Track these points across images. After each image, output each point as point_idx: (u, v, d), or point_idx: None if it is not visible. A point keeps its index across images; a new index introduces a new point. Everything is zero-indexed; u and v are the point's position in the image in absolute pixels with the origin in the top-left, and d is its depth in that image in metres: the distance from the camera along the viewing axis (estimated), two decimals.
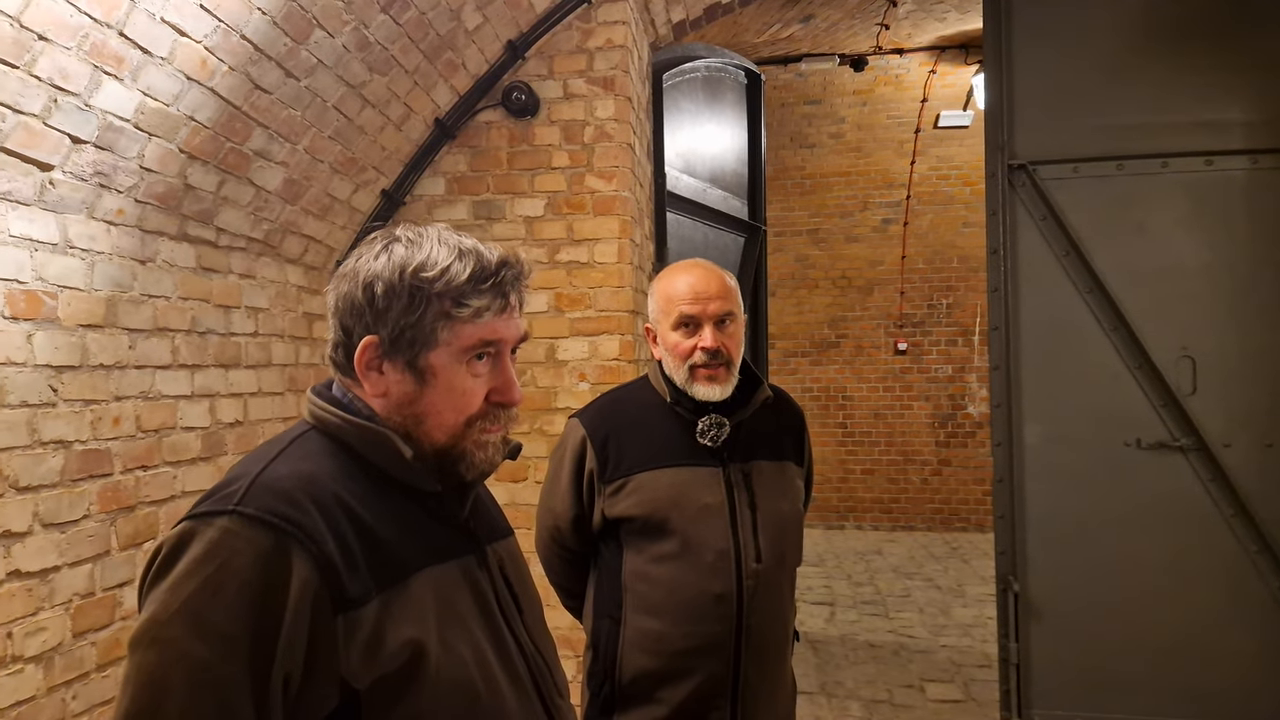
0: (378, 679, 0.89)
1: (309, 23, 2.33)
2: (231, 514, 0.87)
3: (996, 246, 3.42)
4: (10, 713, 1.89)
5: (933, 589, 5.77)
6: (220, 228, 2.55)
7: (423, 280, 0.97)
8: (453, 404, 0.99)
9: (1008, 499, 3.41)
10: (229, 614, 0.84)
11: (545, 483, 1.87)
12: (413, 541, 0.97)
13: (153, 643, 0.85)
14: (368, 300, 0.98)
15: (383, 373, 0.99)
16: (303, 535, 0.88)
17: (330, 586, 0.87)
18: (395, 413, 1.00)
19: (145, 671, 0.84)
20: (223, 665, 0.83)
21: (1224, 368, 3.24)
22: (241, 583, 0.85)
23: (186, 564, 0.86)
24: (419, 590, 0.94)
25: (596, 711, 1.73)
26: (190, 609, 0.84)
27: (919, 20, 5.90)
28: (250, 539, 0.86)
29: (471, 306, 0.98)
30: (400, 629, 0.91)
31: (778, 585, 1.72)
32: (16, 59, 1.73)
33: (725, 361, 1.69)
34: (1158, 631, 3.28)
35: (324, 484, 0.93)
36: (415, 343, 0.98)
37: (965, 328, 7.39)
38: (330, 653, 0.87)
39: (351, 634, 0.88)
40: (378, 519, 0.95)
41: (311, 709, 0.88)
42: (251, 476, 0.91)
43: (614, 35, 3.13)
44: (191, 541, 0.87)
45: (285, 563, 0.86)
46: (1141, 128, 3.28)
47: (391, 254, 0.98)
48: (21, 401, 1.92)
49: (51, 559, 2.00)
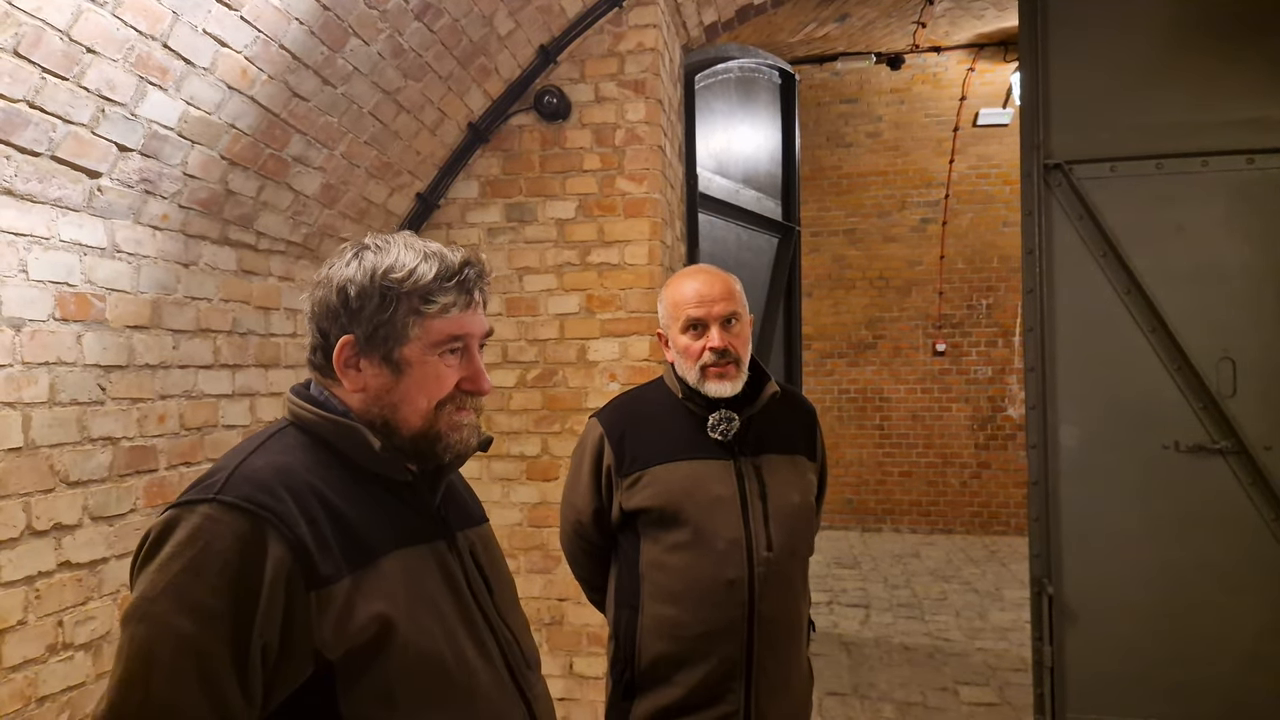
0: (348, 650, 0.97)
1: (345, 31, 2.39)
2: (212, 501, 0.96)
3: (1032, 247, 3.38)
4: (61, 698, 1.98)
5: (970, 592, 5.70)
6: (260, 231, 2.63)
7: (392, 281, 1.06)
8: (425, 390, 1.08)
9: (1043, 501, 3.37)
10: (210, 591, 0.93)
11: (567, 480, 1.94)
12: (384, 526, 1.05)
13: (142, 618, 0.94)
14: (342, 303, 1.07)
15: (360, 369, 1.08)
16: (277, 519, 0.96)
17: (303, 566, 0.96)
18: (373, 404, 1.08)
19: (136, 644, 0.94)
20: (205, 637, 0.92)
21: (1265, 370, 3.18)
22: (222, 563, 0.94)
23: (172, 547, 0.95)
24: (388, 570, 1.03)
25: (619, 696, 1.80)
26: (175, 587, 0.93)
27: (956, 18, 5.82)
28: (229, 523, 0.95)
29: (438, 303, 1.07)
30: (369, 604, 0.99)
31: (789, 573, 1.76)
32: (66, 71, 1.81)
33: (734, 359, 1.75)
34: (1195, 637, 3.21)
35: (298, 474, 1.02)
36: (389, 339, 1.07)
37: (1005, 329, 7.27)
38: (304, 626, 0.96)
39: (324, 609, 0.96)
40: (350, 505, 1.03)
41: (288, 677, 0.96)
42: (231, 468, 1.01)
43: (645, 39, 3.15)
44: (176, 527, 0.96)
45: (261, 544, 0.95)
46: (1181, 126, 3.22)
47: (362, 260, 1.08)
48: (72, 400, 2.01)
49: (100, 551, 2.09)
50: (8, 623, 1.85)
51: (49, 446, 1.95)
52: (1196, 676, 3.21)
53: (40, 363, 1.93)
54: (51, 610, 1.96)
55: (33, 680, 1.91)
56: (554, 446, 3.28)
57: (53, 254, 1.96)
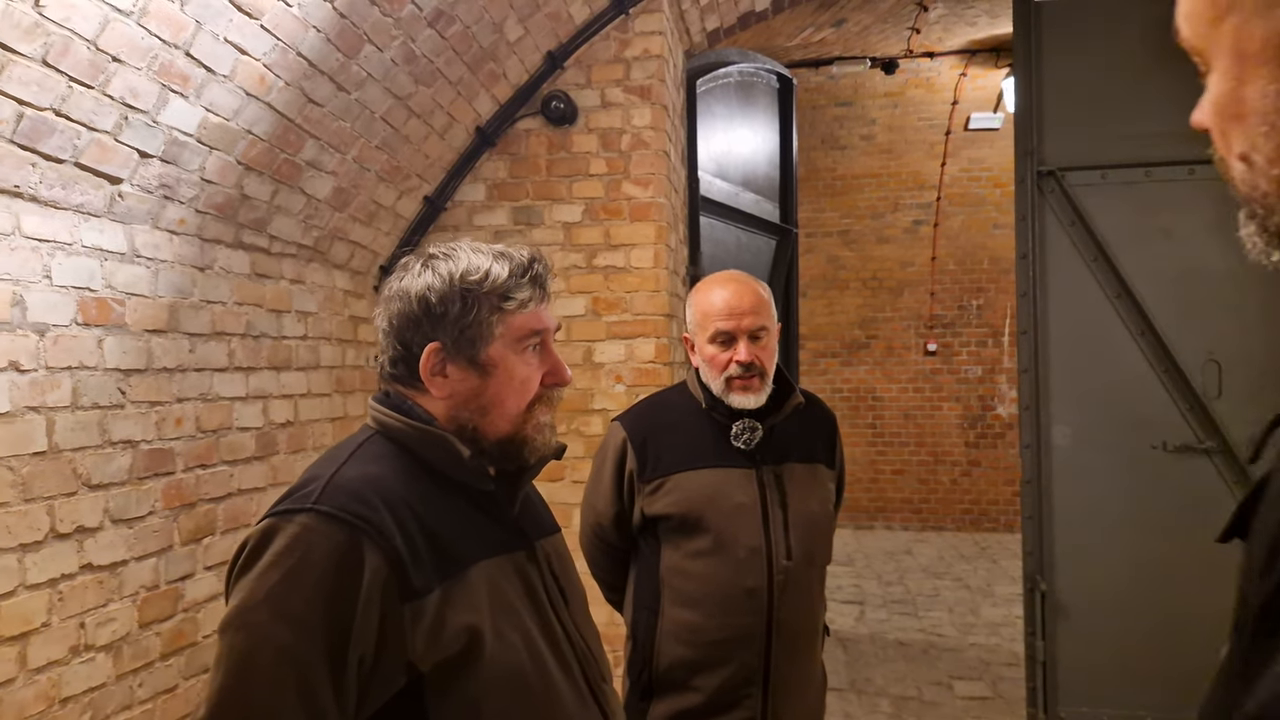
0: (439, 661, 0.98)
1: (360, 38, 2.42)
2: (310, 511, 0.97)
3: (1026, 251, 3.46)
4: (83, 699, 2.01)
5: (962, 589, 5.78)
6: (273, 235, 2.65)
7: (471, 284, 1.08)
8: (514, 391, 1.10)
9: (1035, 500, 3.45)
10: (308, 602, 0.94)
11: (588, 482, 1.96)
12: (469, 537, 1.06)
13: (241, 627, 0.95)
14: (424, 311, 1.08)
15: (447, 375, 1.09)
16: (374, 531, 0.97)
17: (398, 577, 0.97)
18: (461, 410, 1.10)
19: (235, 652, 0.94)
20: (303, 647, 0.93)
21: (1250, 372, 3.27)
22: (320, 573, 0.94)
23: (270, 556, 0.96)
24: (475, 581, 1.03)
25: (636, 698, 1.83)
26: (274, 597, 0.94)
27: (950, 24, 5.90)
28: (327, 534, 0.96)
29: (517, 299, 1.10)
30: (459, 616, 1.00)
31: (807, 581, 1.79)
32: (92, 80, 1.84)
33: (759, 373, 1.77)
34: (1183, 632, 3.30)
35: (390, 484, 1.02)
36: (475, 340, 1.08)
37: (995, 329, 7.37)
38: (398, 637, 0.96)
39: (417, 620, 0.97)
40: (437, 516, 1.03)
41: (382, 688, 0.97)
42: (326, 478, 1.01)
43: (650, 45, 3.20)
44: (275, 536, 0.97)
45: (358, 555, 0.96)
46: (1168, 135, 3.30)
47: (435, 268, 1.10)
48: (93, 403, 2.04)
49: (120, 553, 2.12)
50: (32, 625, 1.87)
51: (72, 450, 1.97)
52: (1184, 670, 3.27)
53: (63, 367, 1.95)
54: (74, 612, 1.98)
55: (56, 682, 1.93)
56: None
57: (75, 259, 1.98)
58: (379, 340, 1.14)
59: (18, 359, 1.83)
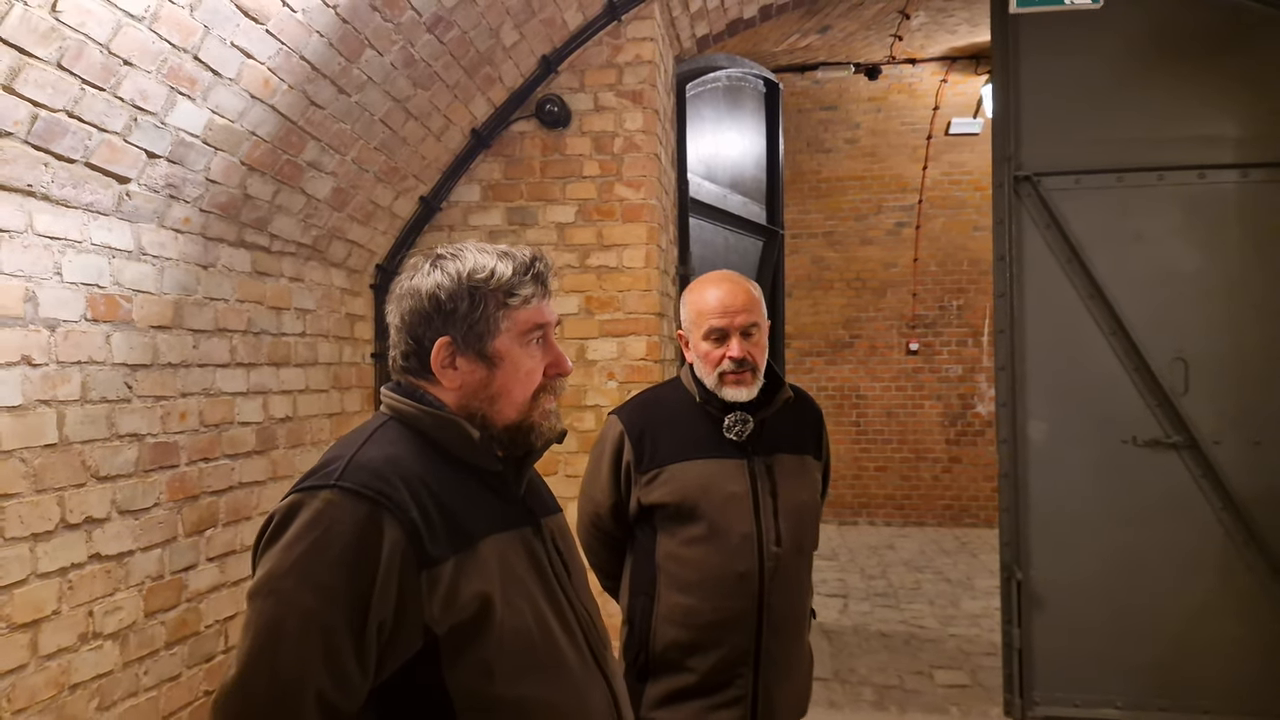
0: (453, 625, 1.06)
1: (361, 43, 2.49)
2: (333, 488, 1.04)
3: (1003, 253, 3.57)
4: (91, 685, 2.06)
5: (943, 581, 5.91)
6: (274, 234, 2.71)
7: (478, 281, 1.15)
8: (520, 381, 1.17)
9: (1012, 493, 3.56)
10: (332, 570, 1.01)
11: (586, 473, 2.04)
12: (479, 513, 1.14)
13: (270, 593, 1.02)
14: (434, 308, 1.15)
15: (457, 367, 1.16)
16: (392, 505, 1.05)
17: (415, 548, 1.04)
18: (471, 399, 1.17)
19: (264, 616, 1.02)
20: (327, 612, 1.00)
21: (1215, 369, 3.41)
22: (343, 544, 1.02)
23: (297, 529, 1.03)
24: (485, 553, 1.11)
25: (633, 678, 1.90)
26: (301, 566, 1.01)
27: (931, 32, 6.03)
28: (349, 508, 1.03)
29: (521, 295, 1.17)
30: (471, 584, 1.07)
31: (796, 567, 1.88)
32: (104, 82, 1.90)
33: (751, 368, 1.85)
34: (1151, 619, 3.44)
35: (406, 464, 1.10)
36: (483, 335, 1.16)
37: (975, 329, 7.51)
38: (416, 603, 1.04)
39: (433, 588, 1.05)
40: (450, 493, 1.11)
41: (400, 650, 1.05)
42: (347, 458, 1.09)
43: (642, 51, 3.28)
44: (300, 511, 1.04)
45: (378, 528, 1.03)
46: (1139, 142, 3.44)
47: (443, 268, 1.17)
48: (102, 397, 2.09)
49: (127, 543, 2.17)
50: (43, 612, 1.92)
51: (81, 443, 2.03)
52: (1153, 656, 3.43)
53: (73, 362, 2.00)
54: (83, 601, 2.04)
55: (65, 668, 1.99)
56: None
57: (85, 257, 2.04)
58: (391, 335, 1.21)
59: (30, 354, 1.89)
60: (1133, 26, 3.47)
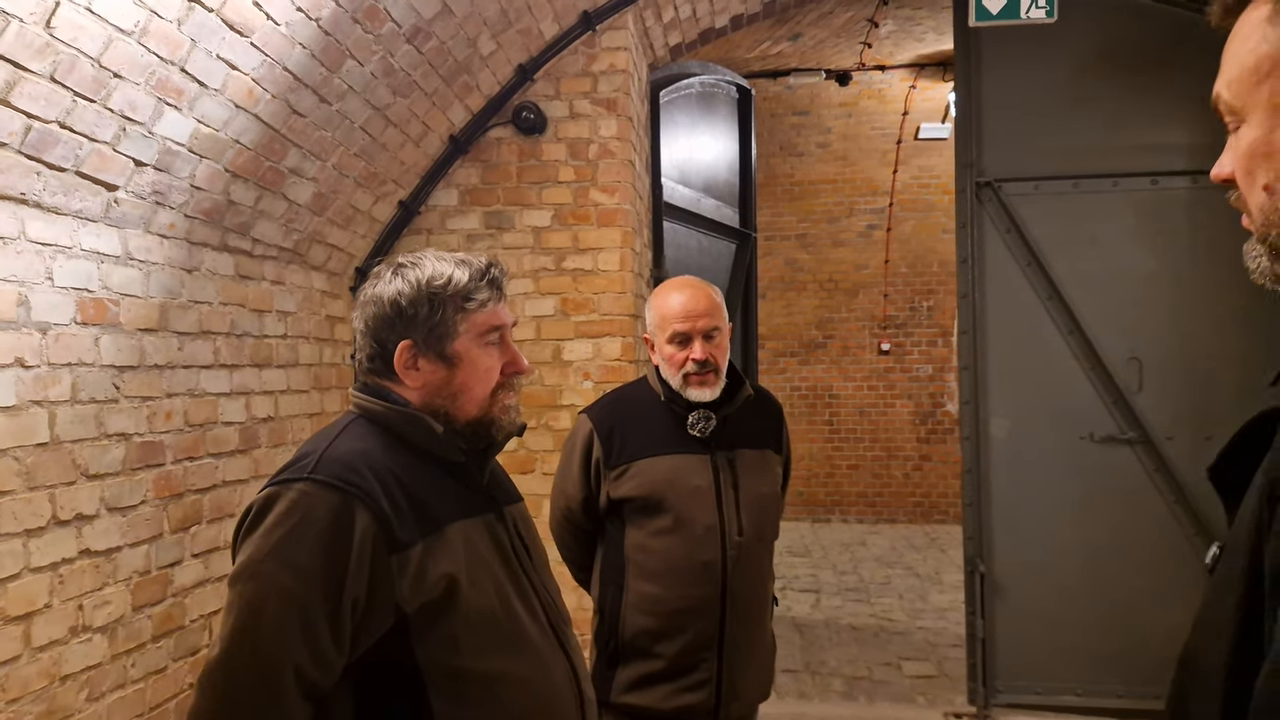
0: (422, 604, 1.15)
1: (343, 54, 2.56)
2: (307, 480, 1.14)
3: (966, 256, 3.71)
4: (81, 677, 2.12)
5: (912, 577, 6.06)
6: (256, 238, 2.78)
7: (437, 288, 1.25)
8: (479, 379, 1.27)
9: (975, 488, 3.70)
10: (309, 554, 1.11)
11: (558, 470, 2.13)
12: (445, 501, 1.24)
13: (251, 576, 1.11)
14: (396, 314, 1.25)
15: (419, 368, 1.26)
16: (363, 494, 1.14)
17: (385, 533, 1.14)
18: (434, 397, 1.27)
19: (245, 598, 1.11)
20: (305, 593, 1.10)
21: (1168, 368, 3.57)
22: (318, 531, 1.11)
23: (274, 517, 1.13)
24: (451, 538, 1.21)
25: (604, 665, 2.00)
26: (279, 550, 1.11)
27: (899, 40, 6.18)
28: (323, 498, 1.13)
29: (478, 300, 1.27)
30: (439, 566, 1.17)
31: (757, 555, 1.99)
32: (95, 94, 1.96)
33: (714, 368, 1.95)
34: (1108, 608, 3.58)
35: (375, 457, 1.20)
36: (442, 337, 1.25)
37: (945, 329, 7.68)
38: (387, 584, 1.13)
39: (403, 570, 1.14)
40: (417, 484, 1.21)
41: (373, 627, 1.14)
42: (320, 452, 1.19)
43: (616, 60, 3.38)
44: (277, 502, 1.14)
45: (350, 515, 1.13)
46: (1095, 150, 3.59)
47: (404, 276, 1.27)
48: (90, 398, 2.16)
49: (115, 539, 2.23)
50: (35, 605, 1.99)
51: (71, 442, 2.09)
52: (1111, 644, 3.57)
53: (64, 363, 2.07)
54: (73, 595, 2.10)
55: (56, 660, 2.05)
56: (530, 441, 3.48)
57: (74, 262, 2.10)
58: (356, 340, 1.30)
59: (23, 355, 1.95)
60: (1088, 39, 3.62)
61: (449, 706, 1.16)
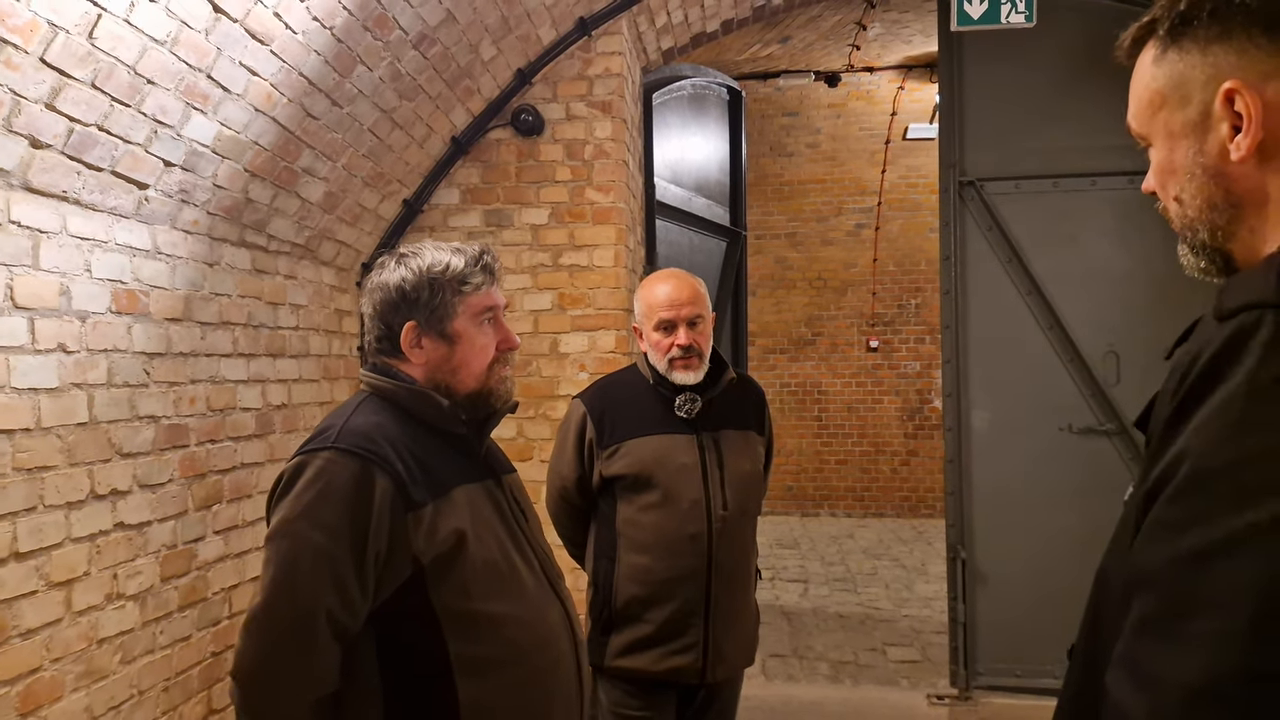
0: (436, 556, 1.32)
1: (354, 60, 2.72)
2: (331, 449, 1.31)
3: (949, 254, 3.87)
4: (115, 641, 2.27)
5: (898, 568, 6.22)
6: (271, 235, 2.93)
7: (436, 274, 1.42)
8: (476, 354, 1.44)
9: (957, 478, 3.86)
10: (336, 513, 1.27)
11: (553, 452, 2.29)
12: (450, 468, 1.40)
13: (286, 535, 1.28)
14: (400, 297, 1.42)
15: (423, 347, 1.43)
16: (381, 460, 1.31)
17: (401, 494, 1.30)
18: (436, 373, 1.43)
19: (281, 553, 1.27)
20: (333, 547, 1.26)
21: (1144, 361, 3.71)
22: (343, 493, 1.28)
23: (304, 483, 1.29)
24: (457, 499, 1.37)
25: (598, 633, 2.15)
26: (310, 511, 1.27)
27: (887, 42, 6.35)
28: (346, 464, 1.29)
29: (473, 283, 1.44)
30: (448, 522, 1.34)
31: (741, 529, 2.15)
32: (130, 99, 2.11)
33: (697, 354, 2.11)
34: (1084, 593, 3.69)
35: (388, 429, 1.37)
36: (443, 318, 1.42)
37: (932, 326, 7.85)
38: (404, 538, 1.30)
39: (418, 525, 1.31)
40: (425, 453, 1.38)
41: (393, 577, 1.31)
42: (339, 425, 1.35)
43: (611, 64, 3.53)
44: (305, 469, 1.30)
45: (370, 479, 1.29)
46: (1074, 150, 3.75)
47: (406, 264, 1.44)
48: (124, 382, 2.31)
49: (146, 514, 2.38)
50: (75, 573, 2.14)
51: (108, 422, 2.24)
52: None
53: (101, 349, 2.22)
54: (109, 564, 2.25)
55: (94, 624, 2.20)
56: (528, 430, 3.64)
57: (110, 255, 2.25)
58: (364, 324, 1.47)
59: (65, 342, 2.10)
60: (1068, 43, 3.77)
61: (461, 643, 1.33)
